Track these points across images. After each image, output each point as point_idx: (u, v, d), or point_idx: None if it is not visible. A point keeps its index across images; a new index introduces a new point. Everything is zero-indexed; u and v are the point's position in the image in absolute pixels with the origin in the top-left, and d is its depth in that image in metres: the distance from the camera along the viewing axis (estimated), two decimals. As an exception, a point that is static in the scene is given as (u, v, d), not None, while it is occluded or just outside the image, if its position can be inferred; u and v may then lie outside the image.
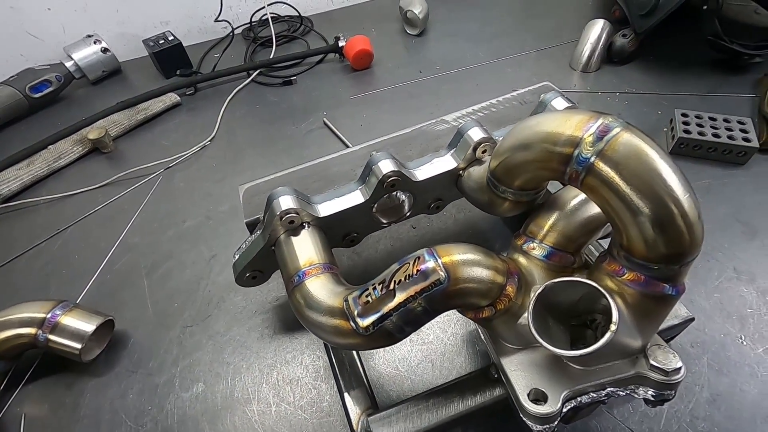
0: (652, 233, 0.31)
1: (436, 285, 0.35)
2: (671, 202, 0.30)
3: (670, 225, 0.30)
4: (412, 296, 0.35)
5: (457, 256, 0.36)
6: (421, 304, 0.35)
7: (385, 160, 0.47)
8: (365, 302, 0.37)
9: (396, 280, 0.36)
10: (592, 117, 0.33)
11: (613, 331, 0.31)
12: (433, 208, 0.55)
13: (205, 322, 0.57)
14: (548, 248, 0.39)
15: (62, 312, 0.52)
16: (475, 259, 0.36)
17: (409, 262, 0.36)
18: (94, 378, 0.53)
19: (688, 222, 0.31)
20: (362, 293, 0.37)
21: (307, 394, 0.50)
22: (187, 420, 0.49)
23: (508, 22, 1.04)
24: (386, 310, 0.36)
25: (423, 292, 0.35)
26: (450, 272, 0.35)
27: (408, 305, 0.35)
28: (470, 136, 0.49)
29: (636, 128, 0.32)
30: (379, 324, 0.36)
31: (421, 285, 0.35)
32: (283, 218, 0.44)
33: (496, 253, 0.39)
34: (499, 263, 0.37)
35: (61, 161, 0.81)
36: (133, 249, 0.67)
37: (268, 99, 0.91)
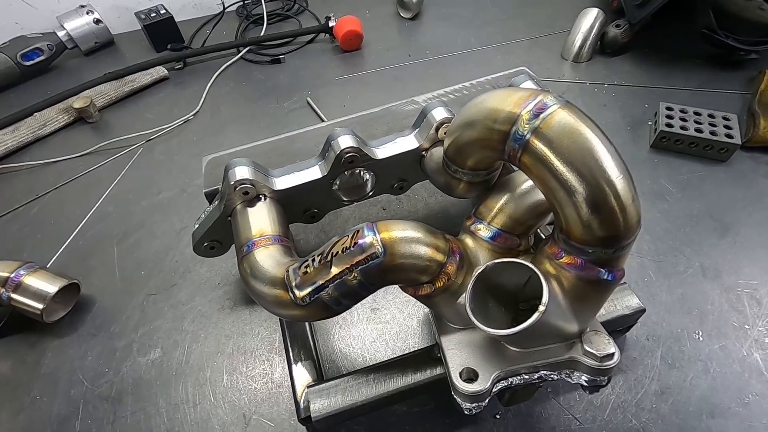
0: (587, 214, 0.30)
1: (372, 259, 0.35)
2: (604, 182, 0.30)
3: (603, 206, 0.30)
4: (347, 269, 0.35)
5: (397, 233, 0.36)
6: (357, 278, 0.35)
7: (345, 136, 0.47)
8: (304, 273, 0.37)
9: (334, 252, 0.36)
10: (532, 94, 0.32)
11: (541, 312, 0.31)
12: (396, 189, 0.54)
13: (169, 291, 0.58)
14: (494, 230, 0.39)
15: (26, 272, 0.53)
16: (414, 236, 0.36)
17: (348, 235, 0.36)
18: (56, 339, 0.54)
19: (622, 204, 0.30)
20: (302, 264, 0.37)
21: (260, 366, 0.50)
22: (142, 384, 0.50)
23: (503, 9, 1.02)
24: (322, 281, 0.36)
25: (359, 265, 0.35)
26: (387, 247, 0.35)
27: (344, 278, 0.35)
28: (433, 116, 0.48)
29: (575, 108, 0.32)
30: (315, 295, 0.36)
31: (357, 258, 0.35)
32: (237, 188, 0.44)
33: (442, 233, 0.39)
34: (440, 241, 0.37)
35: (46, 129, 0.81)
36: (107, 218, 0.68)
37: (255, 77, 0.91)
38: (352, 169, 0.49)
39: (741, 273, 0.54)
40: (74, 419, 0.48)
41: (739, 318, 0.50)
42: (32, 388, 0.50)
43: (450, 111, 0.49)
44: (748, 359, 0.47)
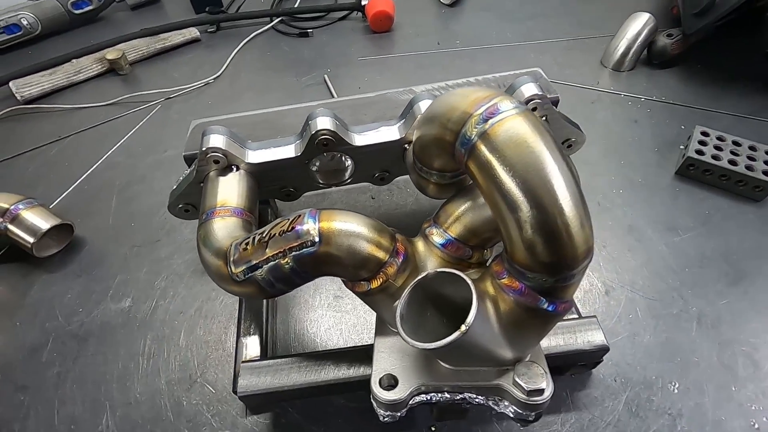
0: (528, 235, 0.28)
1: (306, 246, 0.34)
2: (550, 202, 0.27)
3: (547, 229, 0.27)
4: (281, 252, 0.34)
5: (337, 224, 0.35)
6: (290, 263, 0.34)
7: (323, 118, 0.46)
8: (243, 249, 0.36)
9: (272, 233, 0.35)
10: (489, 96, 0.29)
11: (462, 332, 0.29)
12: (377, 179, 0.53)
13: (152, 245, 0.60)
14: (448, 237, 0.37)
15: (24, 207, 0.56)
16: (356, 230, 0.35)
17: (289, 218, 0.35)
18: (46, 273, 0.58)
19: (568, 229, 0.27)
20: (243, 241, 0.37)
21: (217, 332, 0.51)
22: (107, 329, 0.52)
23: (551, 4, 0.95)
24: (256, 261, 0.35)
25: (292, 251, 0.34)
26: (324, 237, 0.34)
27: (277, 261, 0.35)
28: (419, 108, 0.46)
29: (533, 117, 0.28)
30: (249, 274, 0.36)
31: (291, 243, 0.34)
32: (208, 155, 0.44)
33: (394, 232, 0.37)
34: (385, 240, 0.35)
35: (80, 75, 0.86)
36: (115, 167, 0.71)
37: (281, 48, 0.91)
38: (332, 153, 0.48)
39: (744, 328, 0.48)
40: (43, 350, 0.51)
41: (727, 377, 0.45)
42: (15, 315, 0.54)
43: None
44: (724, 425, 0.42)
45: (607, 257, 0.54)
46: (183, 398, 0.46)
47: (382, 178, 0.53)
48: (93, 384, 0.48)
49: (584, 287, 0.52)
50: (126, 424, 0.45)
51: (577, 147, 0.54)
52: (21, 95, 0.81)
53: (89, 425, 0.45)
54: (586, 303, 0.51)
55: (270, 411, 0.45)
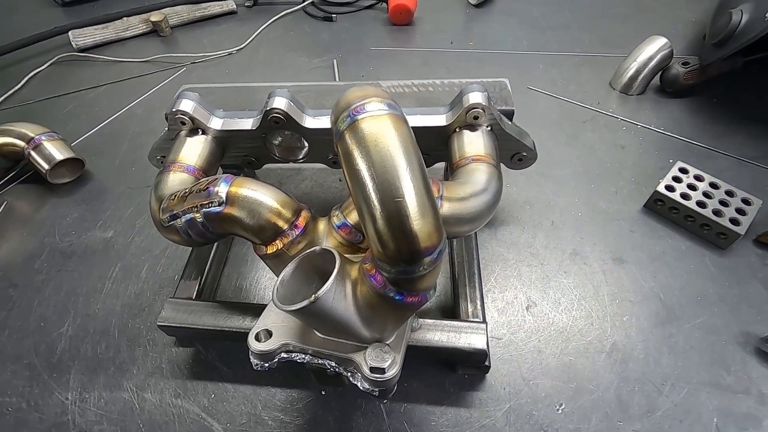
0: (375, 228, 0.31)
1: (212, 205, 0.39)
2: (392, 197, 0.30)
3: (388, 223, 0.30)
4: (194, 206, 0.40)
5: (245, 190, 0.39)
6: (200, 218, 0.40)
7: (280, 98, 0.50)
8: (171, 200, 0.42)
9: (192, 189, 0.41)
10: (366, 96, 0.32)
11: (311, 301, 0.33)
12: (330, 162, 0.57)
13: (142, 190, 0.69)
14: (343, 221, 0.41)
15: (47, 139, 0.67)
16: (260, 198, 0.39)
17: (209, 180, 0.41)
18: (55, 197, 0.69)
19: (409, 226, 0.30)
20: (174, 193, 0.43)
21: (172, 273, 0.59)
22: (88, 251, 0.61)
23: (576, 17, 0.92)
24: (176, 211, 0.41)
25: (202, 207, 0.39)
26: (229, 200, 0.39)
27: (191, 214, 0.40)
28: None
29: (400, 121, 0.31)
30: (170, 221, 0.42)
31: (202, 201, 0.39)
32: (176, 116, 0.51)
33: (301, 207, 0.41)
34: (287, 212, 0.40)
35: (127, 33, 0.97)
36: (133, 117, 0.80)
37: (303, 29, 0.96)
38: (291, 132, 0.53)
39: (654, 370, 0.47)
40: (37, 259, 0.61)
41: (617, 411, 0.45)
42: (25, 227, 0.65)
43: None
44: (595, 453, 0.43)
45: (541, 275, 0.55)
46: (129, 321, 0.54)
47: (335, 162, 0.57)
48: (66, 294, 0.57)
49: (507, 298, 0.53)
50: (81, 331, 0.54)
51: (528, 162, 0.54)
52: (76, 44, 0.93)
53: (55, 326, 0.54)
54: (505, 312, 0.52)
55: (193, 347, 0.52)
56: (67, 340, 0.53)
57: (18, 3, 1.14)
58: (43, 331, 0.54)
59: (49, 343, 0.53)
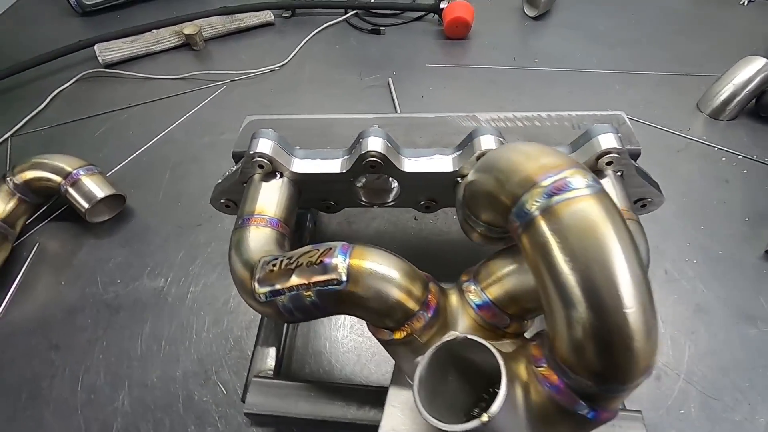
0: (579, 337, 0.24)
1: (331, 284, 0.32)
2: (613, 309, 0.23)
3: (603, 337, 0.23)
4: (305, 284, 0.33)
5: (369, 264, 0.32)
6: (312, 297, 0.33)
7: (375, 138, 0.43)
8: (269, 270, 0.35)
9: (300, 262, 0.34)
10: (561, 165, 0.25)
11: (483, 422, 0.26)
12: (423, 207, 0.50)
13: (193, 229, 0.61)
14: (485, 299, 0.34)
15: (85, 173, 0.59)
16: (387, 273, 0.32)
17: (319, 248, 0.34)
18: (94, 238, 0.61)
19: (630, 342, 0.23)
20: (272, 261, 0.36)
21: (238, 330, 0.51)
22: (138, 304, 0.54)
23: (645, 31, 0.86)
24: (279, 286, 0.34)
25: (316, 285, 0.32)
26: (352, 277, 0.32)
27: (300, 291, 0.33)
28: (479, 143, 0.42)
29: (608, 201, 0.24)
30: (270, 297, 0.34)
31: (317, 277, 0.32)
32: (253, 159, 0.44)
33: (428, 279, 0.34)
34: (417, 289, 0.33)
35: (158, 46, 0.89)
36: (172, 142, 0.73)
37: (350, 43, 0.89)
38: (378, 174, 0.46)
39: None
40: (79, 313, 0.54)
41: None
42: (62, 273, 0.58)
43: (500, 143, 0.42)
44: None
45: (666, 337, 0.48)
46: (195, 393, 0.47)
47: (427, 207, 0.50)
48: (117, 358, 0.50)
49: (630, 364, 0.47)
50: (139, 406, 0.46)
51: (653, 208, 0.48)
52: (103, 59, 0.85)
53: (107, 399, 0.47)
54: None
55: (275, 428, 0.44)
56: (123, 417, 0.46)
57: (34, 12, 1.06)
58: (94, 406, 0.46)
59: (102, 420, 0.46)
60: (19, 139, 0.75)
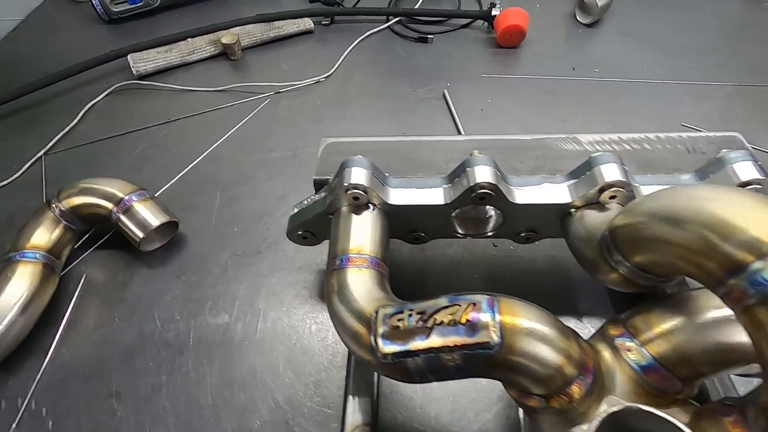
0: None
1: (482, 348, 0.28)
2: None
3: None
4: (448, 347, 0.28)
5: (523, 321, 0.28)
6: (456, 360, 0.29)
7: (484, 167, 0.39)
8: (394, 326, 0.31)
9: (437, 320, 0.29)
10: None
11: None
12: (522, 238, 0.46)
13: (253, 257, 0.57)
14: (650, 359, 0.29)
15: (138, 199, 0.54)
16: (545, 333, 0.28)
17: (461, 304, 0.29)
18: (146, 268, 0.56)
19: None
20: (395, 314, 0.32)
21: (316, 374, 0.47)
22: (203, 344, 0.49)
23: (708, 38, 0.82)
24: (413, 347, 0.30)
25: (463, 349, 0.28)
26: (506, 338, 0.28)
27: (440, 354, 0.29)
28: (601, 172, 0.38)
29: None
30: (400, 358, 0.30)
31: (464, 340, 0.28)
32: (348, 191, 0.39)
33: (575, 335, 0.30)
34: (574, 349, 0.29)
35: (193, 56, 0.84)
36: (220, 161, 0.68)
37: (397, 52, 0.85)
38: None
39: None
40: (138, 354, 0.49)
41: None
42: (115, 308, 0.53)
43: (625, 172, 0.38)
44: None
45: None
46: (279, 448, 0.43)
47: (527, 238, 0.46)
48: (185, 407, 0.45)
49: None
50: (217, 464, 0.42)
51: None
52: (137, 70, 0.81)
53: (179, 455, 0.43)
54: None
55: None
56: (201, 476, 0.41)
57: (56, 19, 1.01)
58: (167, 465, 0.42)
59: (178, 480, 0.41)
60: (53, 158, 0.70)
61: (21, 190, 0.66)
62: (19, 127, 0.76)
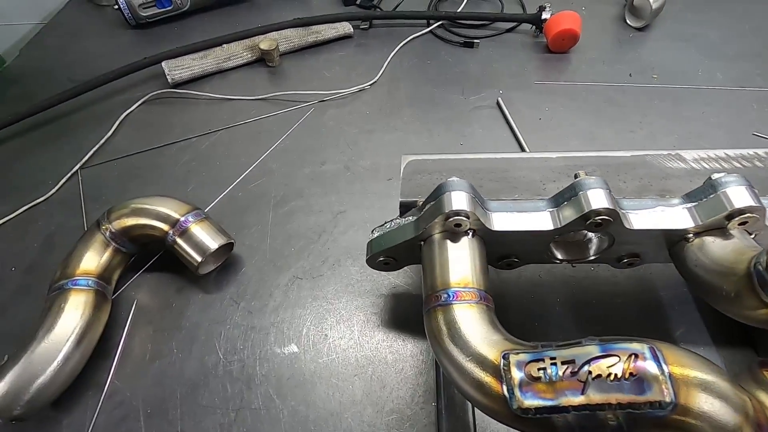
0: None
1: (653, 407, 0.24)
2: None
3: None
4: (610, 404, 0.25)
5: (696, 373, 0.25)
6: (619, 419, 0.25)
7: (599, 191, 0.36)
8: (535, 377, 0.28)
9: (592, 373, 0.26)
10: None
11: None
12: (623, 264, 0.42)
13: (315, 279, 0.53)
14: (830, 413, 0.26)
15: (194, 220, 0.51)
16: (722, 388, 0.25)
17: (620, 355, 0.26)
18: (201, 293, 0.53)
19: None
20: (533, 360, 0.28)
21: (399, 411, 0.44)
22: (271, 377, 0.46)
23: (765, 41, 0.79)
24: (565, 403, 0.26)
25: (629, 408, 0.25)
26: (679, 395, 0.24)
27: (598, 412, 0.25)
28: (729, 197, 0.35)
29: None
30: (545, 413, 0.27)
31: (631, 398, 0.25)
32: (449, 218, 0.36)
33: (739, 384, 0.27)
34: (748, 403, 0.25)
35: (230, 63, 0.81)
36: (269, 174, 0.65)
37: (442, 57, 0.81)
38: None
39: None
40: (203, 389, 0.46)
41: None
42: (173, 337, 0.49)
43: (756, 196, 0.35)
44: None
45: None
46: (367, 493, 0.39)
47: (630, 264, 0.42)
48: (260, 448, 0.42)
49: None
50: None
51: None
52: (172, 77, 0.77)
53: (258, 502, 0.39)
54: None
55: None
56: None
57: (80, 24, 0.97)
58: None
59: None
60: (90, 172, 0.67)
61: (58, 208, 0.63)
62: (50, 141, 0.72)
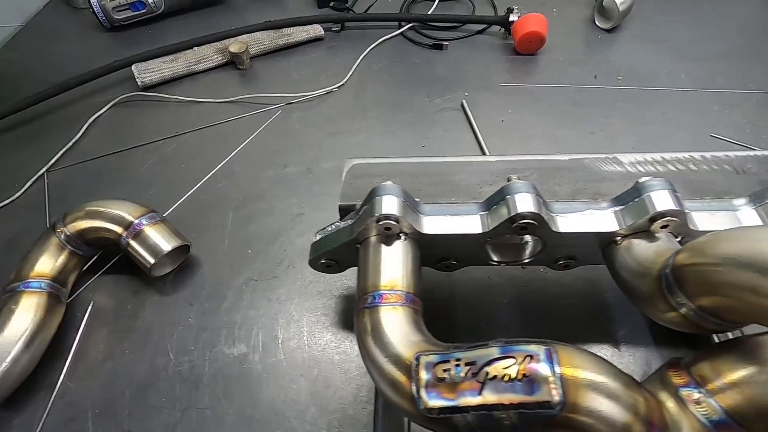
0: None
1: (543, 407, 0.25)
2: None
3: None
4: (503, 405, 0.26)
5: (587, 374, 0.26)
6: (512, 420, 0.26)
7: (526, 195, 0.36)
8: (440, 377, 0.28)
9: (489, 373, 0.27)
10: None
11: None
12: (560, 265, 0.43)
13: (269, 282, 0.54)
14: (722, 413, 0.27)
15: (148, 223, 0.52)
16: (611, 387, 0.26)
17: (516, 356, 0.27)
18: (157, 294, 0.54)
19: None
20: (439, 362, 0.29)
21: (341, 411, 0.44)
22: (219, 377, 0.47)
23: (734, 43, 0.79)
24: (463, 403, 0.27)
25: (520, 408, 0.25)
26: (568, 395, 0.25)
27: (494, 412, 0.26)
28: (653, 201, 0.35)
29: None
30: (447, 413, 0.28)
31: (522, 398, 0.25)
32: (379, 221, 0.37)
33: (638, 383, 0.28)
34: (641, 404, 0.26)
35: (200, 65, 0.81)
36: (231, 177, 0.65)
37: (411, 59, 0.82)
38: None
39: None
40: (151, 390, 0.46)
41: None
42: (125, 338, 0.50)
43: (678, 199, 0.35)
44: None
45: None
46: (304, 492, 0.40)
47: (566, 266, 0.43)
48: (204, 448, 0.43)
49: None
50: None
51: None
52: (142, 81, 0.78)
53: (198, 501, 0.40)
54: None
55: None
56: None
57: (56, 26, 0.98)
58: None
59: None
60: (56, 175, 0.68)
61: (23, 211, 0.64)
62: (19, 143, 0.73)
